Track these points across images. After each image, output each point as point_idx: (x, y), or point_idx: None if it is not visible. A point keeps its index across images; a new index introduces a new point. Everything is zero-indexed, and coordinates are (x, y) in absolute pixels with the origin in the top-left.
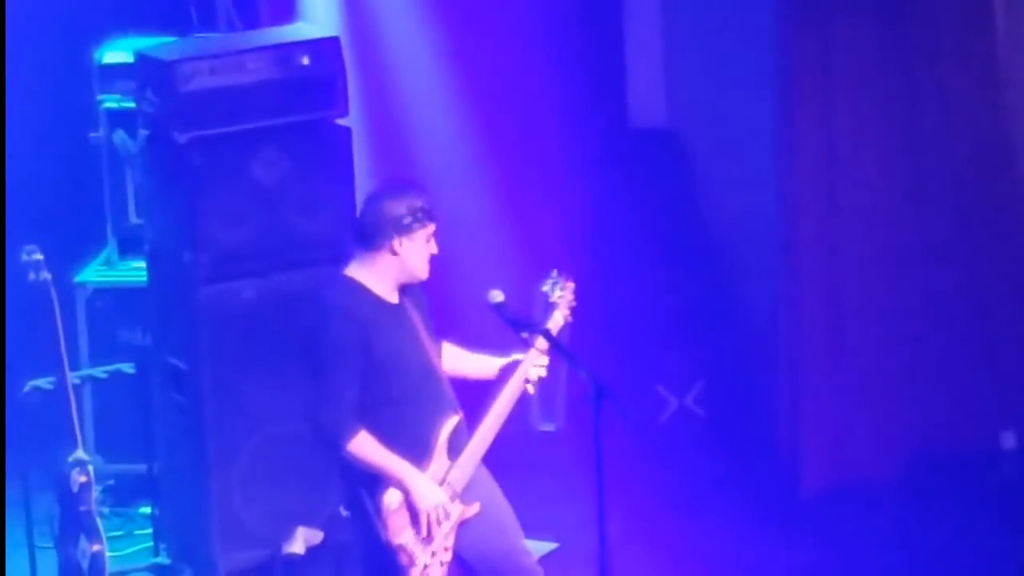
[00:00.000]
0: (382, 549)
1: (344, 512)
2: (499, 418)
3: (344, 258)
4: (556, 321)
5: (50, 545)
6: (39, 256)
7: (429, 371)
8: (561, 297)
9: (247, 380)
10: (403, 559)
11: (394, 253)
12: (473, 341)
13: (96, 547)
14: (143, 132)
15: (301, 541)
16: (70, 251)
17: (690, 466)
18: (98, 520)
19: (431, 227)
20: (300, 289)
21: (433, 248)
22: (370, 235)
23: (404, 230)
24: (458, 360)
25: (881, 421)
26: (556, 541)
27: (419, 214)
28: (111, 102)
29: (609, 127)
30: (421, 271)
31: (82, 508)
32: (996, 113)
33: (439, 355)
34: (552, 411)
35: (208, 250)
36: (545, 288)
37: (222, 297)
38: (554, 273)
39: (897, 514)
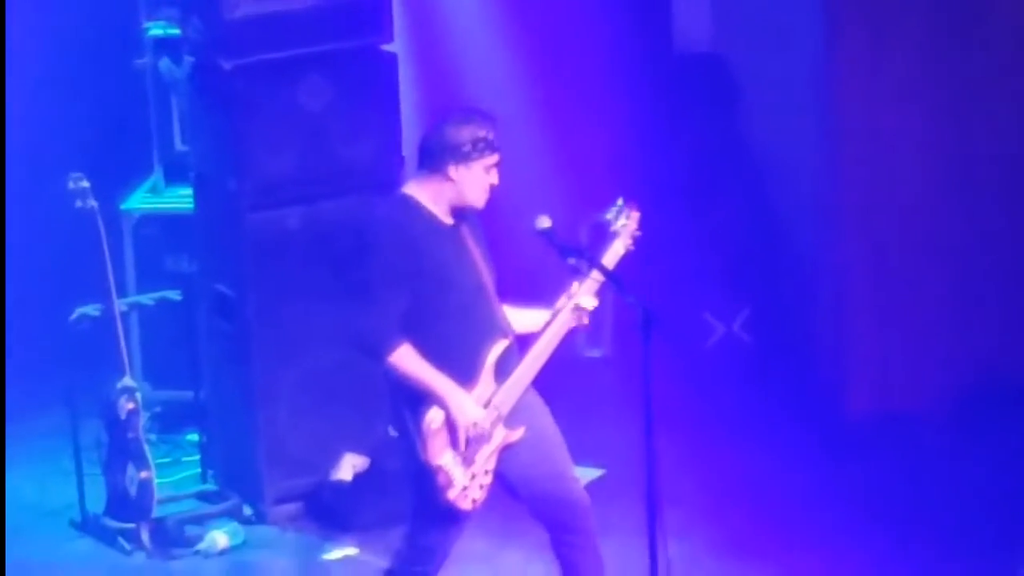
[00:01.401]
0: (423, 470)
1: (392, 432)
2: (549, 345)
3: (389, 185)
4: (616, 250)
5: (98, 472)
6: (85, 183)
7: (480, 293)
8: (624, 226)
9: (293, 307)
10: (441, 480)
11: (450, 179)
12: (518, 269)
13: (144, 474)
14: (188, 59)
15: (348, 467)
16: (116, 178)
17: (736, 391)
18: (146, 447)
19: (492, 158)
20: (345, 216)
21: (494, 179)
22: (429, 157)
23: (462, 158)
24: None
25: (926, 348)
26: (603, 468)
27: (480, 144)
28: (157, 29)
29: (654, 52)
30: (477, 200)
31: (130, 435)
32: None
33: (493, 281)
34: (599, 338)
35: (253, 177)
36: (609, 216)
37: (268, 224)
38: (619, 201)
39: (941, 439)
